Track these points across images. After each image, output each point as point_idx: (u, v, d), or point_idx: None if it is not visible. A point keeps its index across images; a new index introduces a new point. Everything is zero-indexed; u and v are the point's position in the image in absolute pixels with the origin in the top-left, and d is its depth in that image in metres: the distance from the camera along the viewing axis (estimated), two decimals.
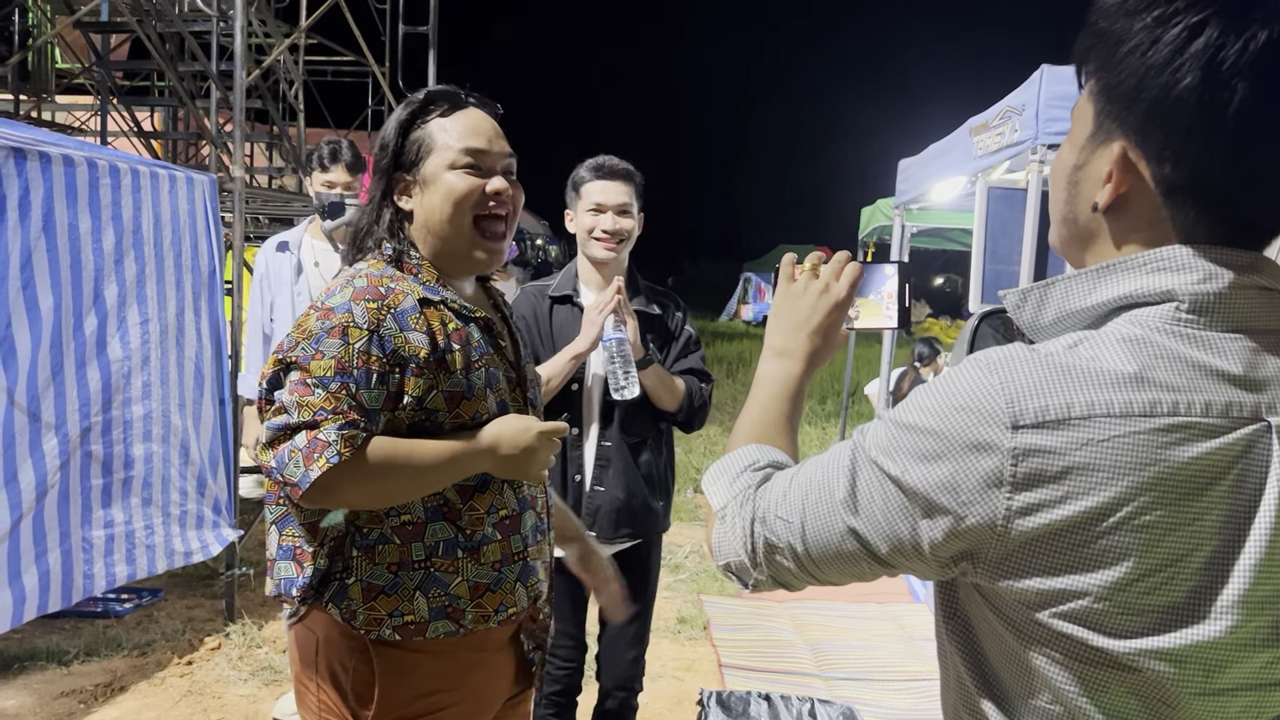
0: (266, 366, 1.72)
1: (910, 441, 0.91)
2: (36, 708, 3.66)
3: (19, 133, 3.65)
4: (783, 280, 1.25)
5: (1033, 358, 0.88)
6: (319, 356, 1.66)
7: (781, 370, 1.21)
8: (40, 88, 9.09)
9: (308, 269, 3.80)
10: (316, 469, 1.62)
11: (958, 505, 0.88)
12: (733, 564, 1.07)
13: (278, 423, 1.66)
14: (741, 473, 1.10)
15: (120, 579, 3.79)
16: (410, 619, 1.74)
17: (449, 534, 1.78)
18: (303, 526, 1.76)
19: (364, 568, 1.74)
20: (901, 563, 0.95)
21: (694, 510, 7.14)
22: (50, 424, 3.38)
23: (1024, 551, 0.87)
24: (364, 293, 1.71)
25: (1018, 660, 0.92)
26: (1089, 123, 0.95)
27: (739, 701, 3.79)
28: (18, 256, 3.21)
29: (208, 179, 4.26)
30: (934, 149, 5.73)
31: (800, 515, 0.99)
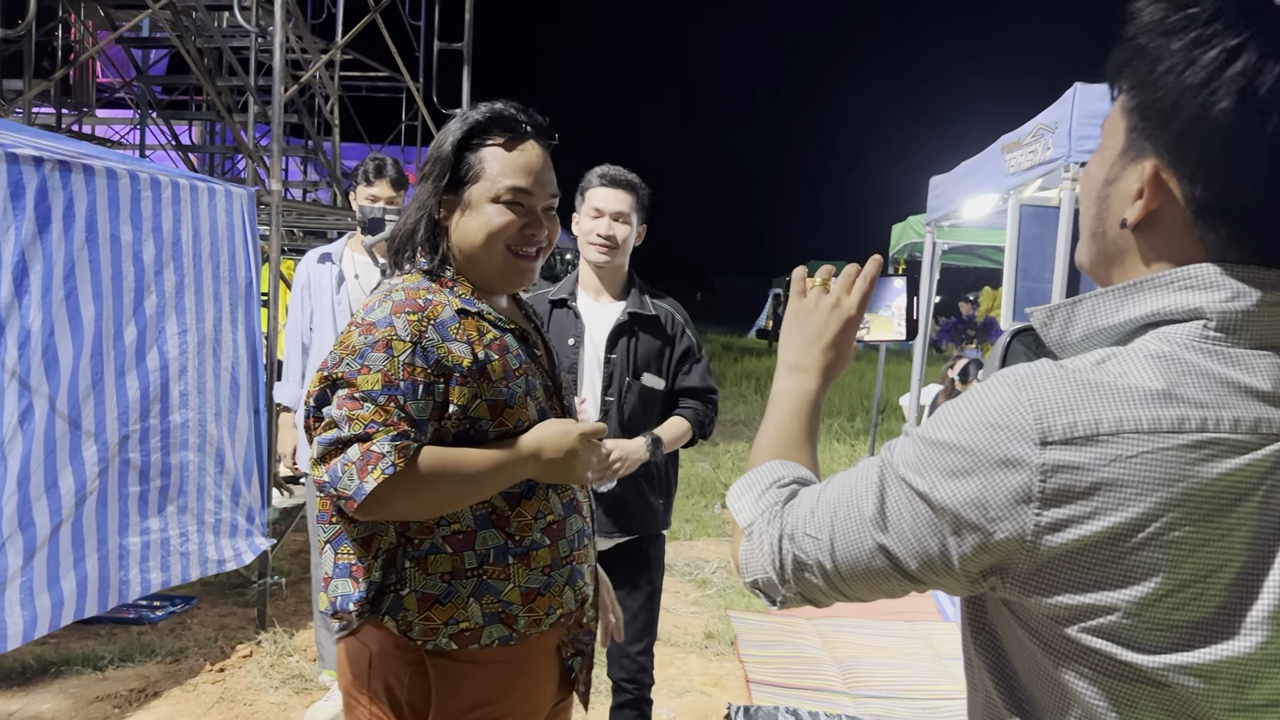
0: (312, 384, 1.75)
1: (938, 458, 0.92)
2: (72, 712, 3.71)
3: (64, 146, 3.73)
4: (793, 295, 1.26)
5: (1060, 374, 0.89)
6: (365, 371, 1.69)
7: (797, 386, 1.22)
8: (81, 102, 9.25)
9: (349, 280, 3.85)
10: (371, 481, 1.64)
11: (986, 521, 0.89)
12: (760, 581, 1.07)
13: (328, 437, 1.68)
14: (767, 489, 1.11)
15: (155, 585, 3.84)
16: (465, 626, 1.77)
17: (499, 541, 1.81)
18: (355, 542, 1.79)
19: (417, 578, 1.77)
20: (931, 579, 0.95)
21: (721, 526, 7.13)
22: (90, 432, 3.44)
23: (1053, 567, 0.88)
24: (403, 306, 1.74)
25: (1047, 676, 0.93)
26: (1120, 138, 0.96)
27: (767, 716, 3.79)
28: (61, 267, 3.28)
29: (246, 192, 4.33)
30: (966, 166, 5.72)
31: (829, 532, 1.00)
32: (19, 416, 3.13)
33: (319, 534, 1.84)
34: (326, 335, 3.78)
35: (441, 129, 1.92)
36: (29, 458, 3.19)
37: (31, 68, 7.13)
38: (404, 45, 8.60)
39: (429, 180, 1.87)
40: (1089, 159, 1.03)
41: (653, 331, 2.98)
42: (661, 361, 2.99)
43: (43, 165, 3.18)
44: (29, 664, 4.03)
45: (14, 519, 3.16)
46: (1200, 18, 0.88)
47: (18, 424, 3.13)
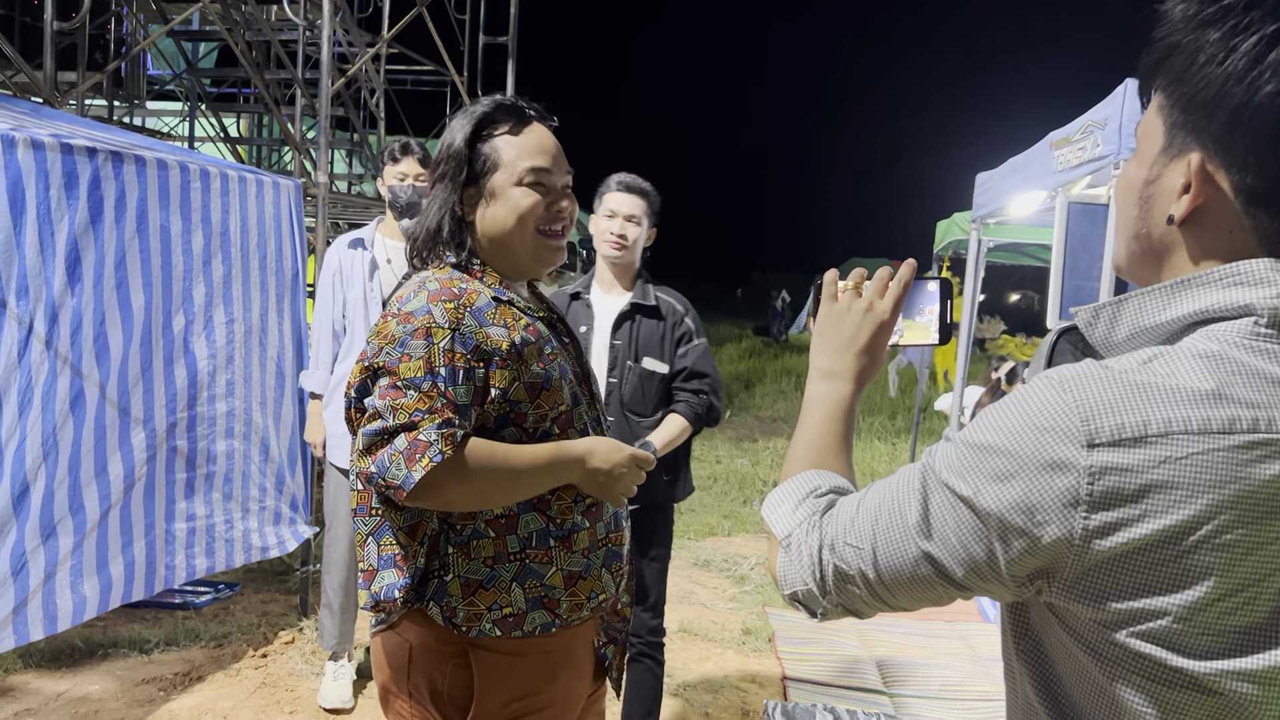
0: (352, 376, 1.76)
1: (982, 462, 0.90)
2: (119, 693, 3.78)
3: (117, 137, 3.79)
4: (825, 299, 1.25)
5: (1106, 375, 0.87)
6: (406, 359, 1.69)
7: (831, 391, 1.20)
8: (132, 94, 9.40)
9: (381, 266, 3.84)
10: (420, 469, 1.64)
11: (1033, 526, 0.87)
12: (800, 593, 1.05)
13: (373, 428, 1.68)
14: (804, 499, 1.09)
15: (200, 571, 3.90)
16: (509, 611, 1.78)
17: (540, 524, 1.82)
18: (400, 531, 1.79)
19: (461, 564, 1.77)
20: (978, 585, 0.94)
21: (759, 522, 7.11)
22: (139, 419, 3.50)
23: (1101, 571, 0.86)
24: (439, 294, 1.75)
25: (1092, 682, 0.91)
26: (1159, 137, 0.94)
27: (805, 714, 3.77)
28: (113, 256, 3.33)
29: (293, 184, 4.37)
30: (1013, 163, 5.66)
31: (871, 541, 0.98)
32: (70, 402, 3.19)
33: (358, 528, 1.84)
34: (360, 322, 3.78)
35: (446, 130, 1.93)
36: (79, 443, 3.25)
37: (85, 60, 7.24)
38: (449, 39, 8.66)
39: (446, 179, 1.88)
40: (1124, 164, 1.02)
41: (654, 318, 3.26)
42: (662, 346, 3.26)
43: (96, 156, 3.23)
44: (77, 646, 4.11)
45: (64, 503, 3.22)
46: (1236, 7, 0.87)
47: (69, 410, 3.19)
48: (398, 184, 3.81)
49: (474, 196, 1.88)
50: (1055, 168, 4.66)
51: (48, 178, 3.05)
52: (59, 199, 3.10)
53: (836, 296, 1.24)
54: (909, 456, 8.63)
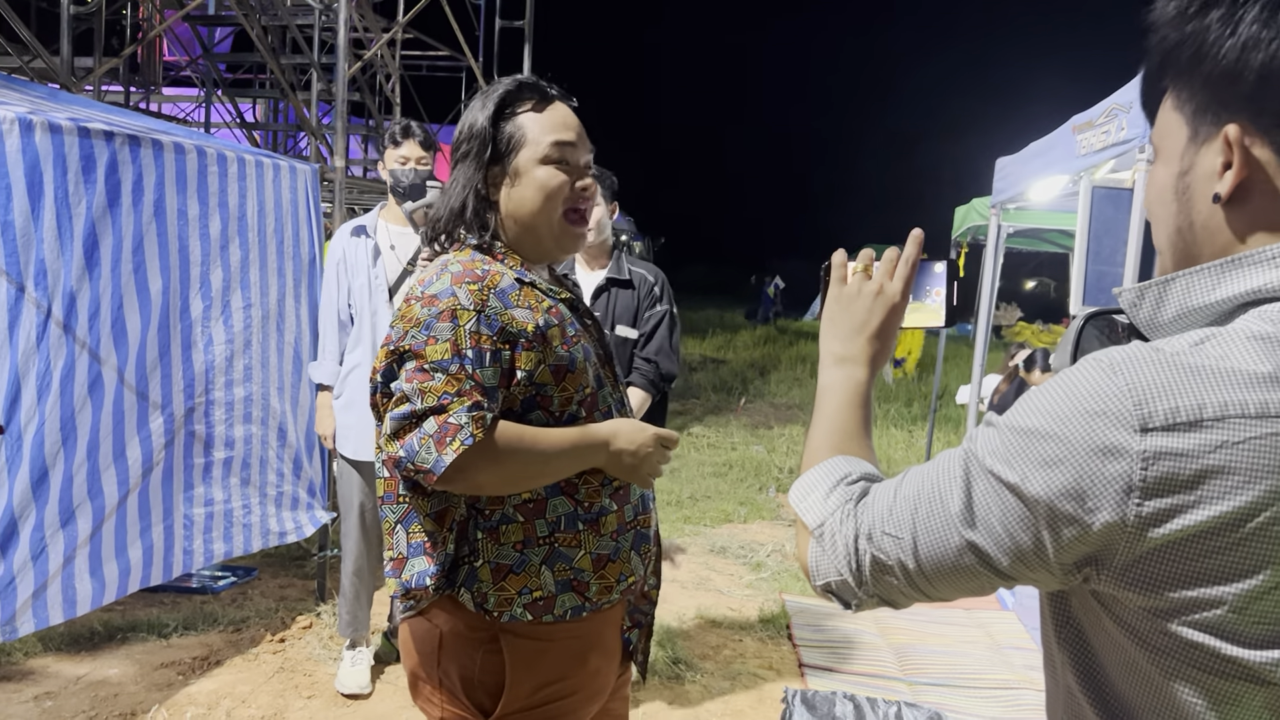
0: (378, 360, 1.74)
1: (1029, 447, 0.87)
2: (138, 676, 3.79)
3: (134, 121, 3.78)
4: (834, 282, 1.22)
5: (1157, 357, 0.84)
6: (432, 341, 1.67)
7: (846, 377, 1.18)
8: (149, 79, 9.40)
9: (384, 252, 3.77)
10: (451, 452, 1.63)
11: (1083, 512, 0.84)
12: (834, 584, 1.02)
13: (401, 412, 1.67)
14: (835, 487, 1.06)
15: (218, 556, 3.91)
16: (539, 595, 1.77)
17: (569, 508, 1.81)
18: (427, 518, 1.78)
19: (490, 549, 1.76)
20: (1024, 573, 0.91)
21: (775, 509, 7.09)
22: (157, 403, 3.50)
23: (1153, 558, 0.83)
24: (462, 277, 1.73)
25: (1139, 671, 0.89)
26: (1182, 131, 0.93)
27: (824, 701, 3.76)
28: (130, 240, 3.32)
29: (310, 168, 4.36)
30: (1034, 147, 5.60)
31: (910, 531, 0.95)
32: (88, 387, 3.19)
33: (386, 515, 1.83)
34: (365, 311, 3.71)
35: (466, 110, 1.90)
36: (98, 428, 3.25)
37: (101, 45, 7.25)
38: (465, 24, 8.63)
39: (469, 158, 1.85)
40: (1149, 174, 1.00)
41: (628, 289, 3.65)
42: (635, 314, 3.62)
43: (113, 140, 3.22)
44: (97, 630, 4.13)
45: (83, 488, 3.22)
46: None
47: (87, 394, 3.19)
48: (399, 168, 3.73)
49: (498, 176, 1.86)
50: (1078, 152, 4.61)
51: (65, 162, 3.04)
52: (76, 183, 3.09)
53: (846, 279, 1.21)
54: (925, 443, 8.59)
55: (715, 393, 12.96)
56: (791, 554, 5.97)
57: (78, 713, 3.49)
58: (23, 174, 2.91)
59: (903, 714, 3.70)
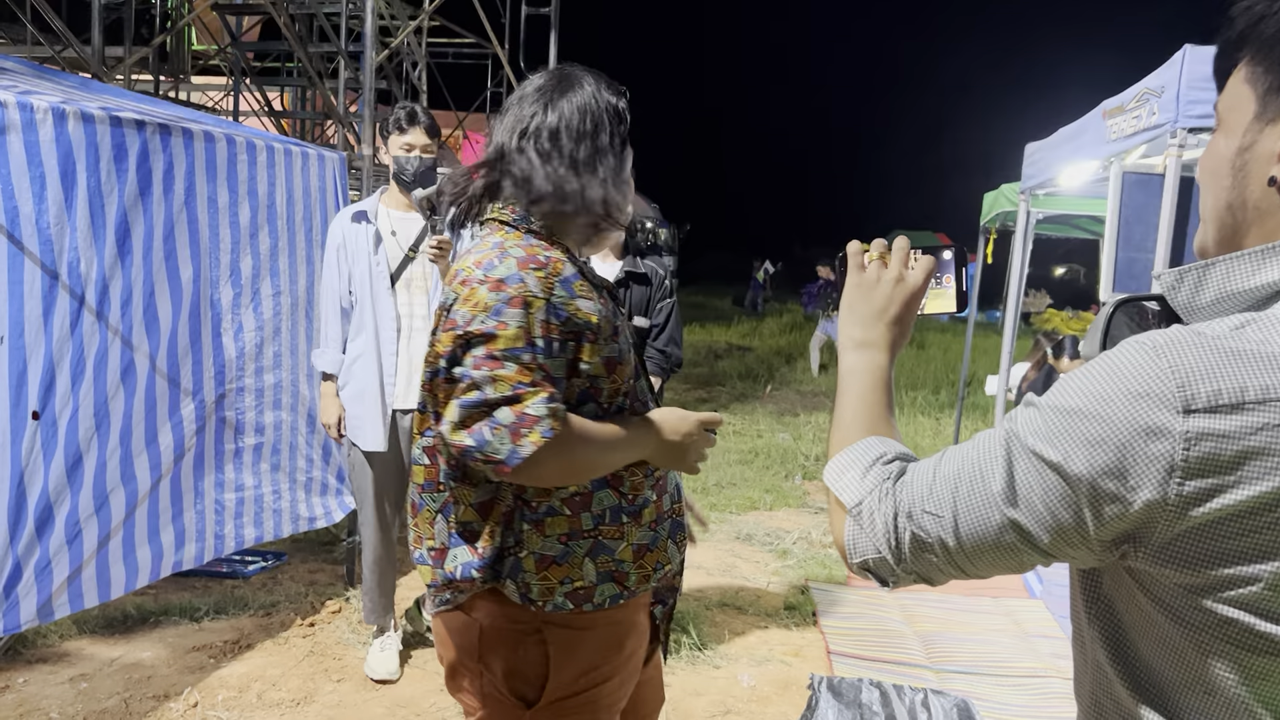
0: (440, 344, 1.69)
1: (1071, 426, 0.89)
2: (170, 659, 3.84)
3: (164, 110, 3.81)
4: (852, 270, 1.24)
5: (1199, 341, 0.86)
6: (503, 327, 1.63)
7: (869, 361, 1.20)
8: (178, 69, 9.46)
9: (386, 238, 3.69)
10: (529, 445, 1.60)
11: (1125, 491, 0.86)
12: (871, 561, 1.04)
13: (471, 399, 1.62)
14: (871, 466, 1.07)
15: (248, 541, 3.95)
16: (580, 585, 1.77)
17: (614, 500, 1.80)
18: (471, 508, 1.76)
19: (535, 540, 1.75)
20: (1063, 551, 0.93)
21: (802, 497, 7.09)
22: (188, 390, 3.53)
23: (1192, 536, 0.85)
24: (527, 262, 1.69)
25: (1172, 647, 0.90)
26: (1251, 105, 0.93)
27: (850, 688, 3.76)
28: (161, 228, 3.36)
29: (338, 156, 4.38)
30: (1064, 132, 5.55)
31: (951, 509, 0.97)
32: (121, 373, 3.23)
33: (425, 504, 1.81)
34: (366, 298, 3.64)
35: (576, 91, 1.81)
36: (130, 414, 3.29)
37: (131, 35, 7.30)
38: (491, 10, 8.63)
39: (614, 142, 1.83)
40: (1209, 142, 1.00)
41: (642, 284, 3.86)
42: (645, 306, 3.86)
43: (144, 128, 3.25)
44: (130, 613, 4.18)
45: (116, 473, 3.26)
46: None
47: (120, 381, 3.23)
48: (403, 155, 3.65)
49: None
50: (1108, 137, 4.56)
51: (97, 150, 3.07)
52: (109, 172, 3.12)
53: (864, 267, 1.24)
54: (953, 431, 8.55)
55: (741, 380, 12.95)
56: (818, 542, 5.97)
57: (112, 694, 3.54)
58: (56, 163, 2.94)
59: (929, 701, 3.69)
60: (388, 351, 3.65)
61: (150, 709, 3.46)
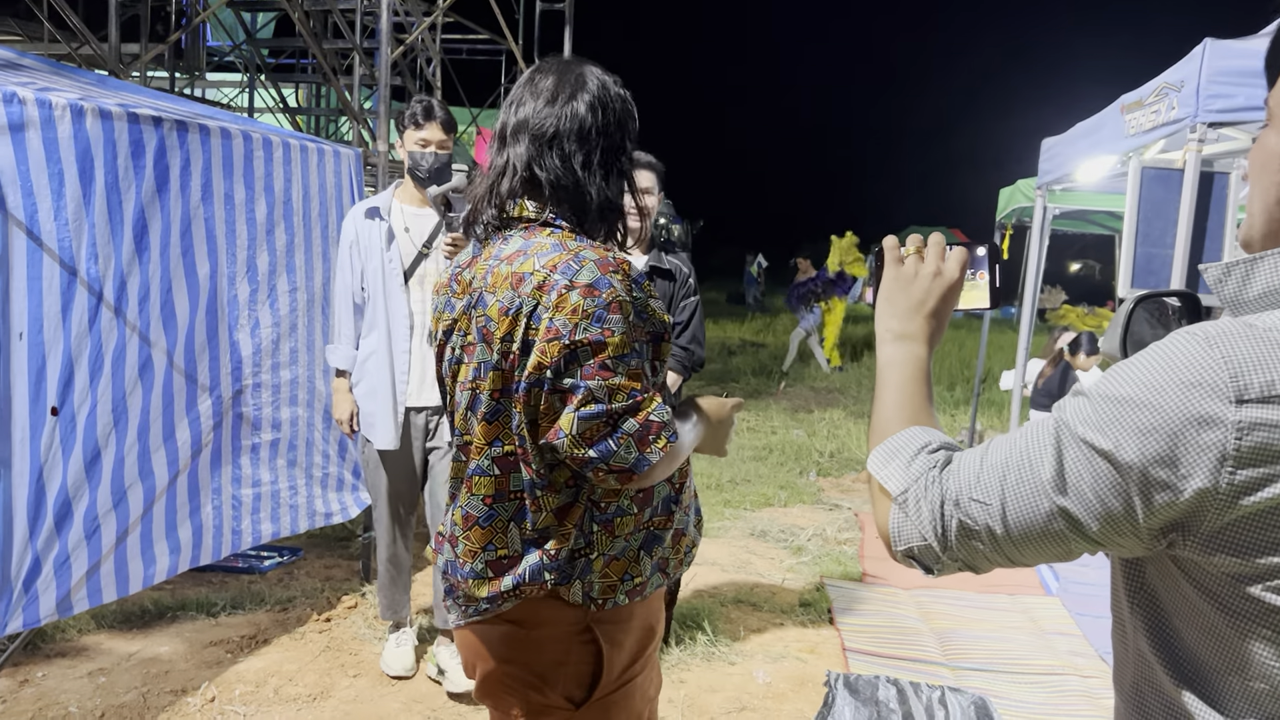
0: (543, 355, 1.64)
1: (1123, 415, 0.90)
2: (188, 654, 3.85)
3: (181, 107, 3.82)
4: (889, 264, 1.26)
5: (1252, 332, 0.87)
6: (609, 334, 1.62)
7: (908, 353, 1.21)
8: (193, 65, 9.49)
9: (399, 235, 3.67)
10: (657, 451, 1.64)
11: (1176, 479, 0.87)
12: (916, 549, 1.05)
13: (590, 412, 1.62)
14: (916, 455, 1.08)
15: (265, 536, 3.96)
16: (638, 580, 1.79)
17: (667, 491, 1.83)
18: (552, 513, 1.74)
19: (605, 542, 1.76)
20: (1111, 539, 0.94)
21: (816, 493, 7.07)
22: (205, 386, 3.55)
23: (1242, 525, 0.86)
24: (605, 264, 1.67)
25: (1217, 635, 0.92)
26: None
27: (867, 685, 3.75)
28: (178, 224, 3.37)
29: (353, 153, 4.39)
30: (1081, 127, 5.52)
31: (999, 497, 0.98)
32: (139, 369, 3.24)
33: (496, 514, 1.77)
34: (379, 294, 3.61)
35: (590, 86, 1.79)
36: (148, 410, 3.30)
37: (147, 31, 7.32)
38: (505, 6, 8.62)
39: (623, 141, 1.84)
40: (1259, 134, 1.01)
41: (666, 279, 3.88)
42: (672, 302, 3.87)
43: (161, 125, 3.26)
44: (147, 608, 4.20)
45: (135, 468, 3.27)
46: None
47: (138, 376, 3.24)
48: (418, 150, 3.61)
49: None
50: (1127, 132, 4.54)
51: (115, 147, 3.08)
52: (126, 168, 3.13)
53: (901, 261, 1.25)
54: (970, 428, 8.52)
55: (755, 376, 12.93)
56: (833, 538, 5.96)
57: (130, 689, 3.56)
58: (74, 159, 2.95)
59: (946, 699, 3.68)
60: (400, 349, 3.63)
61: (168, 703, 3.48)
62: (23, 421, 2.88)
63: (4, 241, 2.78)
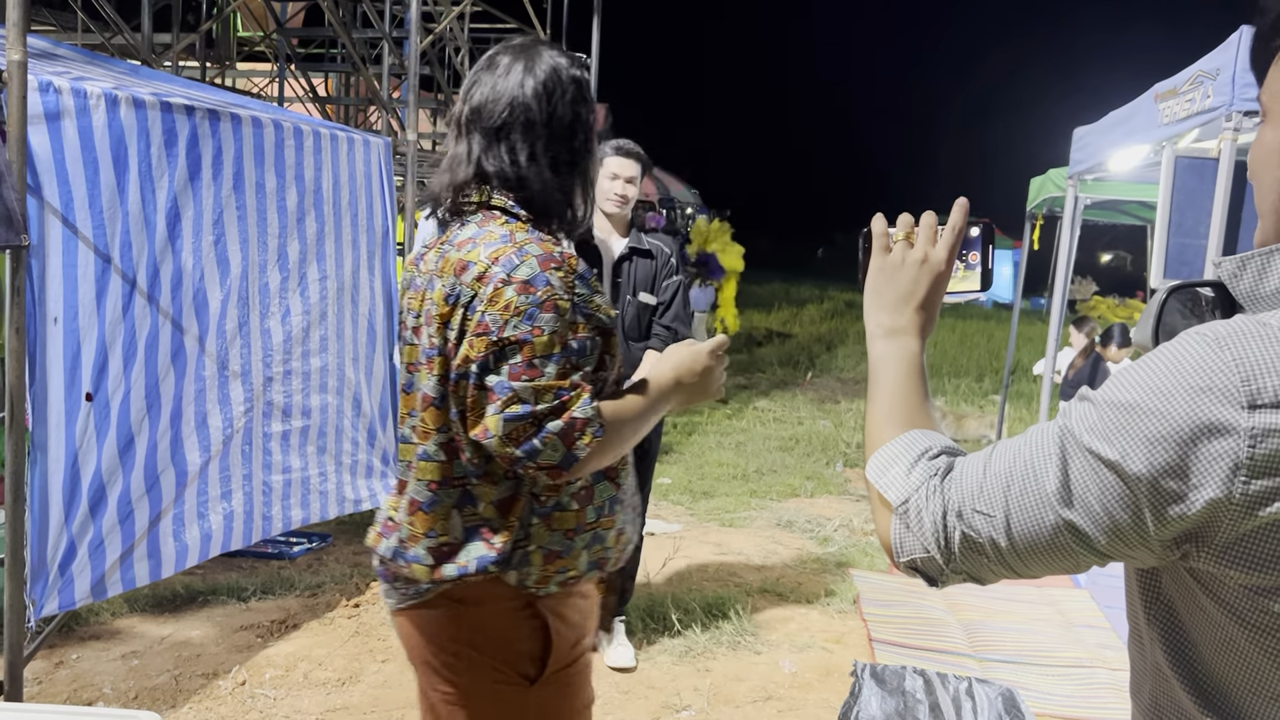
0: (471, 349, 1.66)
1: (1129, 423, 0.84)
2: (219, 638, 3.90)
3: (212, 96, 3.85)
4: (876, 251, 1.18)
5: (1264, 332, 0.81)
6: (538, 333, 1.63)
7: (901, 349, 1.14)
8: (224, 55, 9.55)
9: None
10: (583, 447, 1.63)
11: (1187, 490, 0.81)
12: (919, 561, 1.00)
13: (516, 413, 1.62)
14: (916, 462, 1.02)
15: (295, 522, 3.99)
16: (573, 574, 1.79)
17: (611, 491, 1.83)
18: (492, 505, 1.74)
19: (543, 535, 1.75)
20: (1121, 551, 0.89)
21: (843, 484, 7.06)
22: (237, 373, 3.58)
23: (1258, 536, 0.81)
24: (548, 261, 1.67)
25: (1236, 649, 0.86)
26: None
27: (894, 676, 3.74)
28: (211, 213, 3.39)
29: (383, 142, 4.40)
30: (1114, 116, 5.46)
31: (1003, 508, 0.92)
32: (171, 356, 3.28)
33: (439, 500, 1.77)
34: None
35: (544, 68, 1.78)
36: (180, 396, 3.34)
37: (179, 21, 7.37)
38: None
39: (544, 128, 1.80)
40: (1257, 134, 0.94)
41: (647, 259, 3.97)
42: (654, 282, 3.97)
43: (194, 114, 3.28)
44: (179, 592, 4.25)
45: (167, 454, 3.31)
46: None
47: (170, 363, 3.27)
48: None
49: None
50: (1161, 120, 4.49)
51: (148, 135, 3.11)
52: (159, 157, 3.16)
53: (889, 248, 1.17)
54: (998, 420, 8.47)
55: (781, 367, 12.90)
56: (859, 529, 5.95)
57: (162, 671, 3.61)
58: (109, 148, 2.98)
59: (974, 690, 3.67)
60: None
61: (199, 686, 3.52)
62: (58, 407, 2.92)
63: (40, 229, 2.82)
